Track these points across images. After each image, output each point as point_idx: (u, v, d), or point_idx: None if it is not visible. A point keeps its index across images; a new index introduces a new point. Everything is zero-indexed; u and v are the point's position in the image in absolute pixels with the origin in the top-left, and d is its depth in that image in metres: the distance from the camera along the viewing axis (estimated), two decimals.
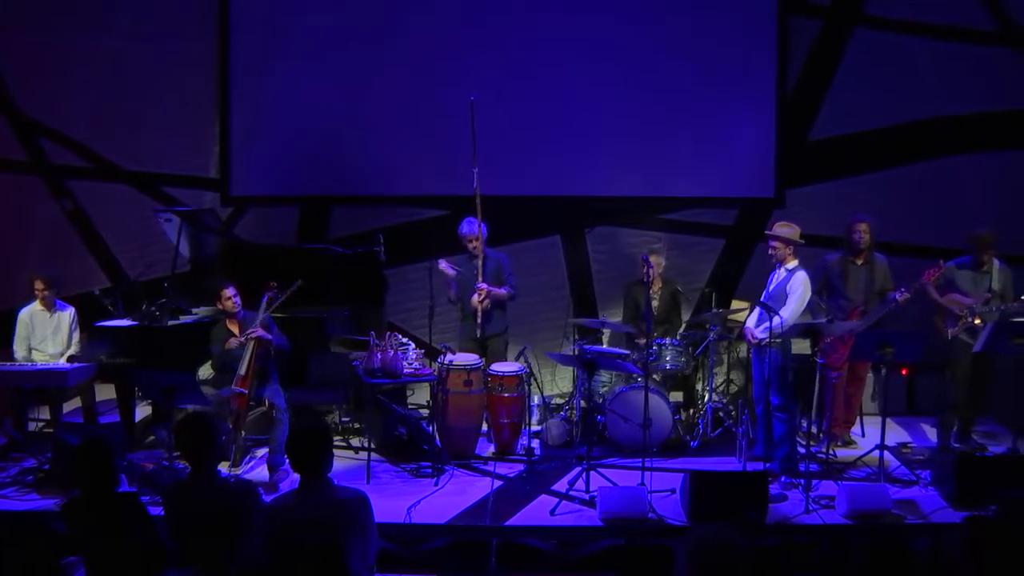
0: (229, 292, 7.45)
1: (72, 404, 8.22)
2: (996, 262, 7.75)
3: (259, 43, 9.60)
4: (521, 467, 7.58)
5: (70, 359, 7.87)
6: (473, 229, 8.04)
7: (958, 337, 7.68)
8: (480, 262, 8.04)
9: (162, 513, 4.91)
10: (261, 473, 7.21)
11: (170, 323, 8.00)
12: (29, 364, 7.77)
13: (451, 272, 8.01)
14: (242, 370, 7.20)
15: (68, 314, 8.07)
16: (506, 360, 8.26)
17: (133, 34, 9.60)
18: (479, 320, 8.07)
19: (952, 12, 9.37)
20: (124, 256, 9.86)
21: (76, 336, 8.06)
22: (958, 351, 7.72)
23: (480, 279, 8.02)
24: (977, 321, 7.57)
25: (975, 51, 9.38)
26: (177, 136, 9.76)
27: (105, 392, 8.22)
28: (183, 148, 9.78)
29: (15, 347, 7.92)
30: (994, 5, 9.34)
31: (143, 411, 8.38)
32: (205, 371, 8.07)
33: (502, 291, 8.14)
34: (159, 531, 4.80)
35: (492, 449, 7.97)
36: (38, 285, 7.95)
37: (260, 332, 7.27)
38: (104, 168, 9.81)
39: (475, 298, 8.04)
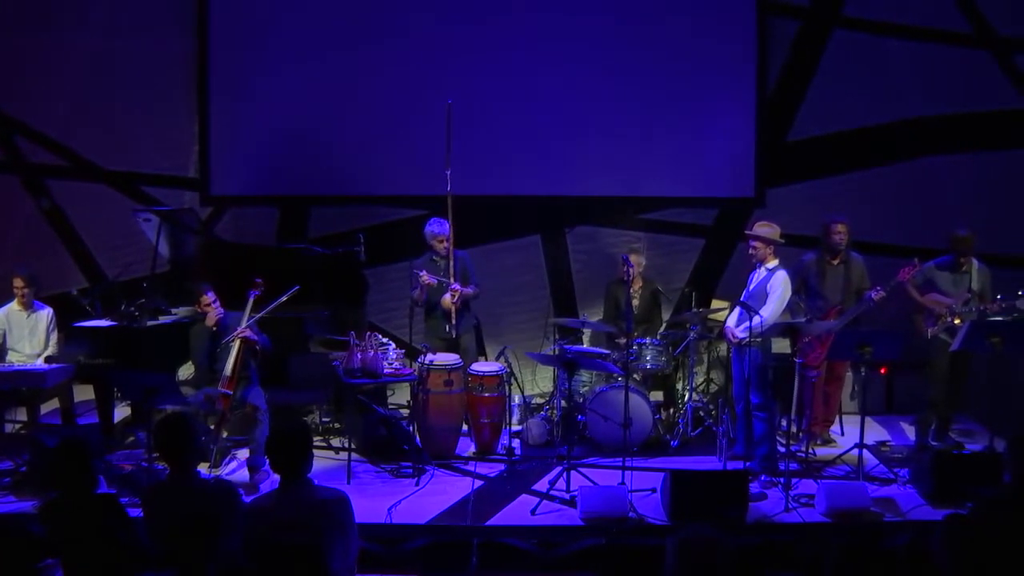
0: (208, 298, 7.34)
1: (50, 405, 8.15)
2: (975, 262, 7.82)
3: (239, 42, 9.56)
4: (502, 467, 7.58)
5: (48, 360, 7.81)
6: (444, 230, 8.03)
7: (937, 336, 7.74)
8: (450, 262, 8.03)
9: (141, 515, 4.88)
10: (241, 474, 7.18)
11: (149, 323, 7.95)
12: (5, 365, 7.71)
13: (432, 282, 7.99)
14: (228, 371, 7.15)
15: (45, 314, 8.02)
16: (477, 356, 8.24)
17: (112, 32, 9.54)
18: (454, 320, 8.08)
19: (929, 14, 9.45)
20: (103, 256, 9.80)
21: (54, 337, 8.01)
22: (936, 350, 7.77)
23: (452, 279, 8.01)
24: (957, 321, 7.62)
25: (952, 53, 9.46)
26: (156, 135, 9.70)
27: (83, 393, 8.16)
28: (162, 147, 9.72)
29: None
30: (970, 8, 9.42)
31: (122, 412, 8.33)
32: (185, 371, 8.03)
33: (469, 290, 8.15)
34: (138, 533, 4.77)
35: (472, 449, 7.97)
36: (18, 283, 7.90)
37: (248, 332, 7.22)
38: (82, 167, 9.75)
39: (447, 298, 8.03)
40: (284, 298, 7.37)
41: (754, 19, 9.50)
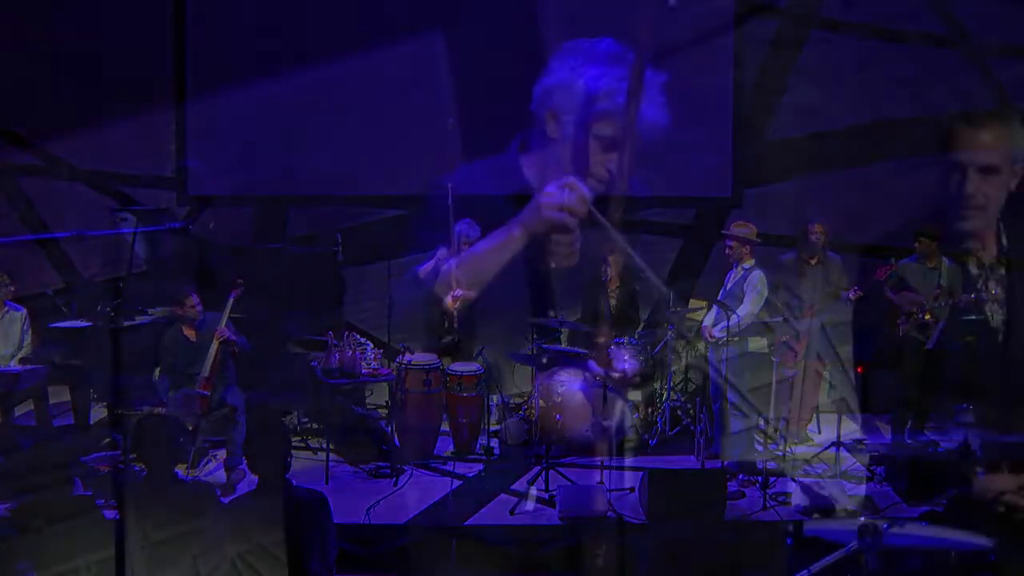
0: (193, 300, 7.31)
1: (24, 407, 8.07)
2: (945, 260, 7.89)
3: (216, 40, 9.50)
4: (480, 466, 7.59)
5: (21, 361, 7.74)
6: (476, 233, 8.21)
7: (910, 335, 7.80)
8: None
9: (117, 517, 4.85)
10: (219, 475, 7.15)
11: (126, 324, 7.90)
12: None
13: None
14: (205, 372, 7.12)
15: (20, 315, 7.93)
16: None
17: (88, 30, 9.47)
18: (455, 324, 8.08)
19: (906, 16, 9.50)
20: (78, 256, 9.72)
21: (28, 338, 7.92)
22: (911, 349, 7.84)
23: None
24: (927, 316, 7.69)
25: (928, 54, 9.52)
26: (133, 135, 9.63)
27: (59, 395, 8.10)
28: (139, 147, 9.67)
29: None
30: (945, 11, 9.48)
31: (98, 413, 8.28)
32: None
33: (470, 293, 8.12)
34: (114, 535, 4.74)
35: (451, 449, 7.96)
36: (3, 279, 7.84)
37: (227, 334, 7.19)
38: (57, 166, 9.67)
39: (448, 300, 8.02)
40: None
41: (732, 19, 9.53)
